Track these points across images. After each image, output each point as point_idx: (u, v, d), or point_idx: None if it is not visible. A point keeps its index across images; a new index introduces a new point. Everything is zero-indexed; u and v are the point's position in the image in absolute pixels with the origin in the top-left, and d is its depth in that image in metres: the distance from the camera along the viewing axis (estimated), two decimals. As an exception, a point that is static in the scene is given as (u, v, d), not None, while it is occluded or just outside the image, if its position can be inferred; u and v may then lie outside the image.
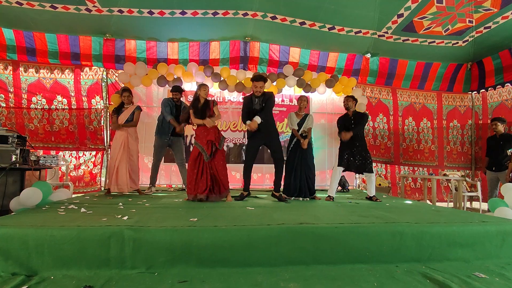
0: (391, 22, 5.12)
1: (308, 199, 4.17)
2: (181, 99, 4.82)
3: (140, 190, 4.45)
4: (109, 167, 4.31)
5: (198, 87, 3.88)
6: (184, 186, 4.91)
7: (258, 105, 3.89)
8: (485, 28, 5.15)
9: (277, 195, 3.95)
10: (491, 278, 2.03)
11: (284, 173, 4.20)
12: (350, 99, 4.31)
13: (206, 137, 3.75)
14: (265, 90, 3.98)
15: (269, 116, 3.97)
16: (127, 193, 4.26)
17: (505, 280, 1.99)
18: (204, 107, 3.83)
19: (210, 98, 4.05)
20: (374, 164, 6.34)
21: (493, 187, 4.80)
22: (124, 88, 4.44)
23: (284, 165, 4.19)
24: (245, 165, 4.01)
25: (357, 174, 6.20)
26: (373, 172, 4.18)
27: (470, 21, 5.04)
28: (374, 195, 4.18)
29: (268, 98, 3.89)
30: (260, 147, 4.11)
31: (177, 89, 4.72)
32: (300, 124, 4.35)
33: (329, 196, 4.19)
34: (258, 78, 3.88)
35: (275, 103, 6.11)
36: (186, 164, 4.94)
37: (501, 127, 4.76)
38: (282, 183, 4.13)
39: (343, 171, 4.27)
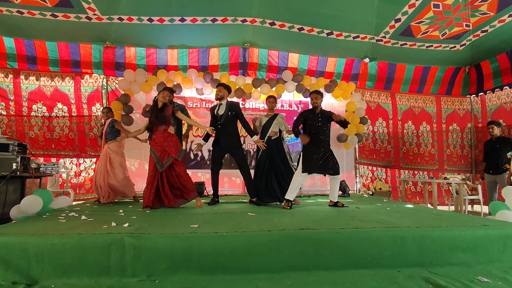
0: (389, 26, 5.16)
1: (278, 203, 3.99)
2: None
3: (136, 197, 4.46)
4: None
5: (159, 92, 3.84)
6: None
7: (222, 111, 3.94)
8: (482, 31, 5.19)
9: (254, 201, 3.97)
10: (493, 282, 2.02)
11: (254, 176, 4.15)
12: (319, 97, 3.88)
13: (162, 145, 3.63)
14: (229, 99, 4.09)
15: (231, 128, 3.98)
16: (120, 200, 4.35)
17: (507, 285, 1.98)
18: (161, 111, 3.69)
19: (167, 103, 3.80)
20: (374, 168, 6.37)
21: (492, 190, 4.80)
22: (105, 107, 4.65)
23: (254, 171, 4.17)
24: (211, 171, 4.02)
25: (357, 179, 6.21)
26: (339, 174, 3.85)
27: (467, 25, 5.08)
28: (338, 201, 3.88)
29: (232, 109, 3.95)
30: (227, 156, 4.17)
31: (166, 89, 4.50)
32: (267, 126, 4.14)
33: (287, 200, 3.72)
34: (218, 84, 4.10)
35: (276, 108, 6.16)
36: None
37: (497, 130, 4.78)
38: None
39: (309, 173, 3.80)
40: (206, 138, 4.16)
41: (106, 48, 5.49)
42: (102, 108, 4.51)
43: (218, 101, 4.04)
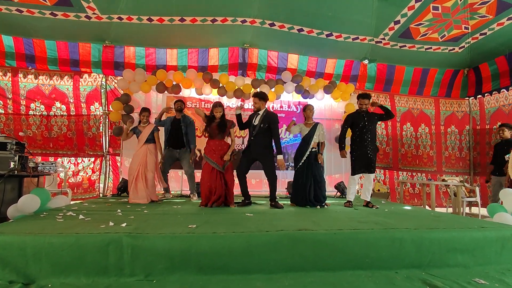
0: (388, 28, 5.17)
1: (318, 207, 4.10)
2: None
3: (156, 201, 4.38)
4: (128, 180, 4.32)
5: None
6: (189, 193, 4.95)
7: (256, 122, 3.98)
8: (481, 34, 5.21)
9: (273, 204, 3.98)
10: (491, 284, 2.02)
11: (293, 184, 4.31)
12: (366, 101, 4.16)
13: (219, 152, 3.94)
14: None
15: (264, 139, 3.99)
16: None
17: (505, 286, 1.99)
18: (225, 126, 4.00)
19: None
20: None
21: (497, 192, 4.81)
22: (144, 108, 4.51)
23: (294, 176, 4.29)
24: (237, 175, 4.07)
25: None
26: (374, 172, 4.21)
27: (466, 28, 5.10)
28: (370, 201, 4.15)
29: (266, 122, 3.96)
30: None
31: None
32: (309, 137, 4.21)
33: (348, 201, 4.18)
34: (253, 94, 4.08)
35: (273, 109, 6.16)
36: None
37: (507, 133, 4.79)
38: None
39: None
40: None
41: (105, 47, 5.48)
42: (142, 109, 4.45)
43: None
